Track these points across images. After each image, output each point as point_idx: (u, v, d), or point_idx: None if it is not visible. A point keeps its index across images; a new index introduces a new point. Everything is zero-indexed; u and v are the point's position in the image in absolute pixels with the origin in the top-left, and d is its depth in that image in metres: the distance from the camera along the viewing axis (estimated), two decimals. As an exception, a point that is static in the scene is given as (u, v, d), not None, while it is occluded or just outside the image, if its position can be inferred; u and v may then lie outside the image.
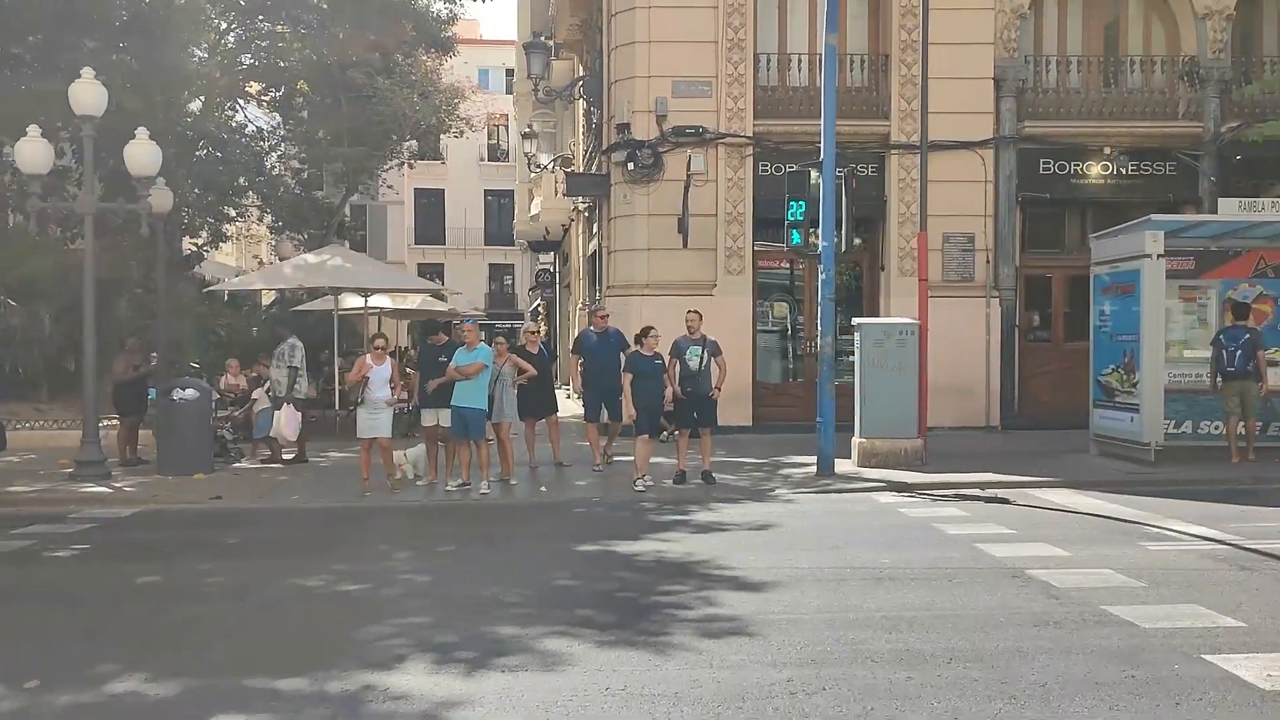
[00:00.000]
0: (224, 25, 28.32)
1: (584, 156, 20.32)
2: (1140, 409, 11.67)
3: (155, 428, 12.75)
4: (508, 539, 8.68)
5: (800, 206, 11.39)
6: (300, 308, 22.11)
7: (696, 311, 11.29)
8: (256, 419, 13.30)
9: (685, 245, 15.57)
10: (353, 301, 22.24)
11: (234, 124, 30.09)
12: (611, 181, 16.35)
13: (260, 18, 27.74)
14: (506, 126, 51.01)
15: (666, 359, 10.97)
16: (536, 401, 12.13)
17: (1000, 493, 10.42)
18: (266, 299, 27.72)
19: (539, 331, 12.69)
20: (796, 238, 11.48)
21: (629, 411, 10.84)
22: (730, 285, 15.82)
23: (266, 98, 30.34)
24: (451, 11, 31.42)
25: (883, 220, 16.34)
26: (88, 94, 11.27)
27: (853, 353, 12.62)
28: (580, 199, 21.55)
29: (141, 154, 11.86)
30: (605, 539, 8.23)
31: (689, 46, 15.79)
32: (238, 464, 13.14)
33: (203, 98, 26.86)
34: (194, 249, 26.43)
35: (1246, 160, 16.24)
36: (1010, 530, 8.31)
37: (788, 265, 16.82)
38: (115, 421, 13.29)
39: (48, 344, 17.73)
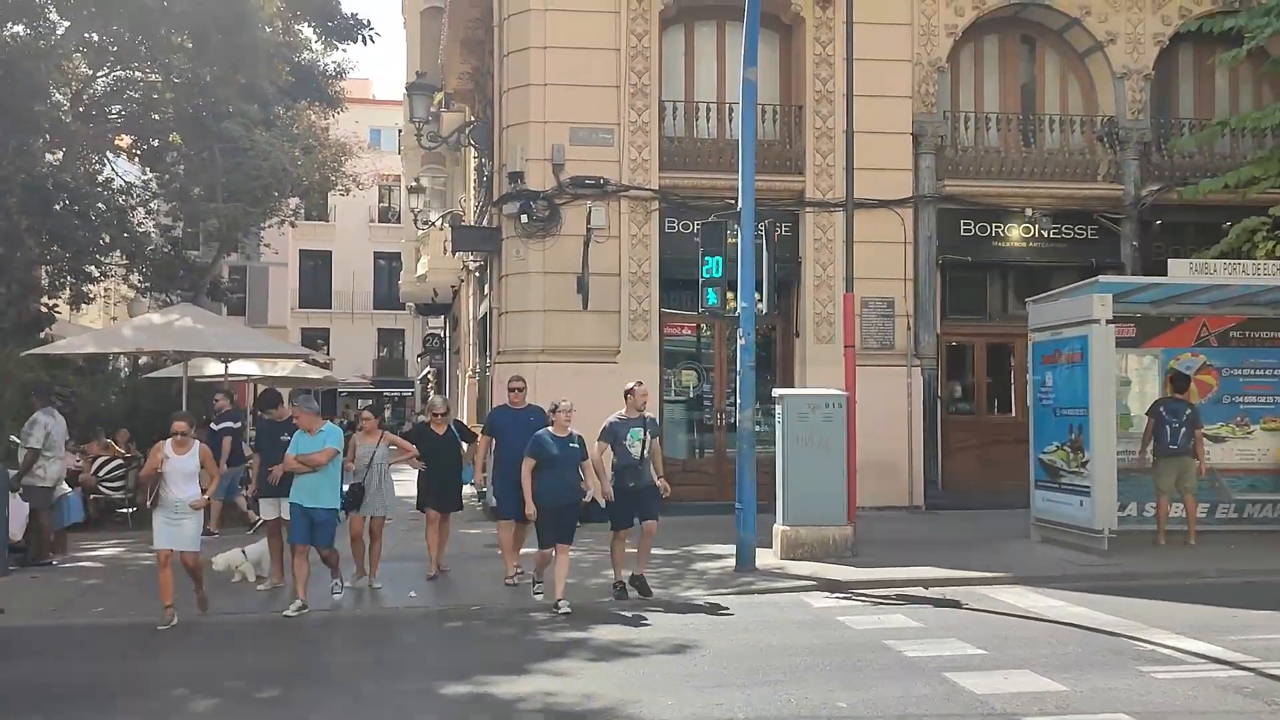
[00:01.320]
0: (90, 72, 26.31)
1: (475, 212, 18.72)
2: (1091, 492, 10.46)
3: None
4: (354, 674, 6.78)
5: (717, 263, 9.97)
6: (156, 373, 19.79)
7: (640, 383, 9.28)
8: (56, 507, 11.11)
9: (585, 307, 14.01)
10: (213, 368, 20.11)
11: (100, 178, 28.00)
12: (503, 235, 14.75)
13: (133, 65, 25.96)
14: (398, 187, 49.20)
15: (590, 445, 8.91)
16: (439, 489, 10.03)
17: (947, 593, 9.02)
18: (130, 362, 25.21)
19: (447, 411, 10.62)
20: (712, 297, 10.04)
21: (529, 509, 8.50)
22: (635, 351, 14.30)
23: (137, 151, 28.36)
24: (339, 66, 29.92)
25: (797, 282, 15.08)
26: None
27: (765, 427, 11.24)
28: (470, 257, 19.89)
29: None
30: (481, 673, 6.44)
31: (589, 91, 14.42)
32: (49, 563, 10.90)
33: (63, 149, 24.56)
34: (45, 310, 23.77)
35: (1168, 225, 15.60)
36: (979, 650, 6.83)
37: (694, 330, 15.45)
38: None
39: None
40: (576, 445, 8.62)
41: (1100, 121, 15.69)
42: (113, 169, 28.93)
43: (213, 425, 13.28)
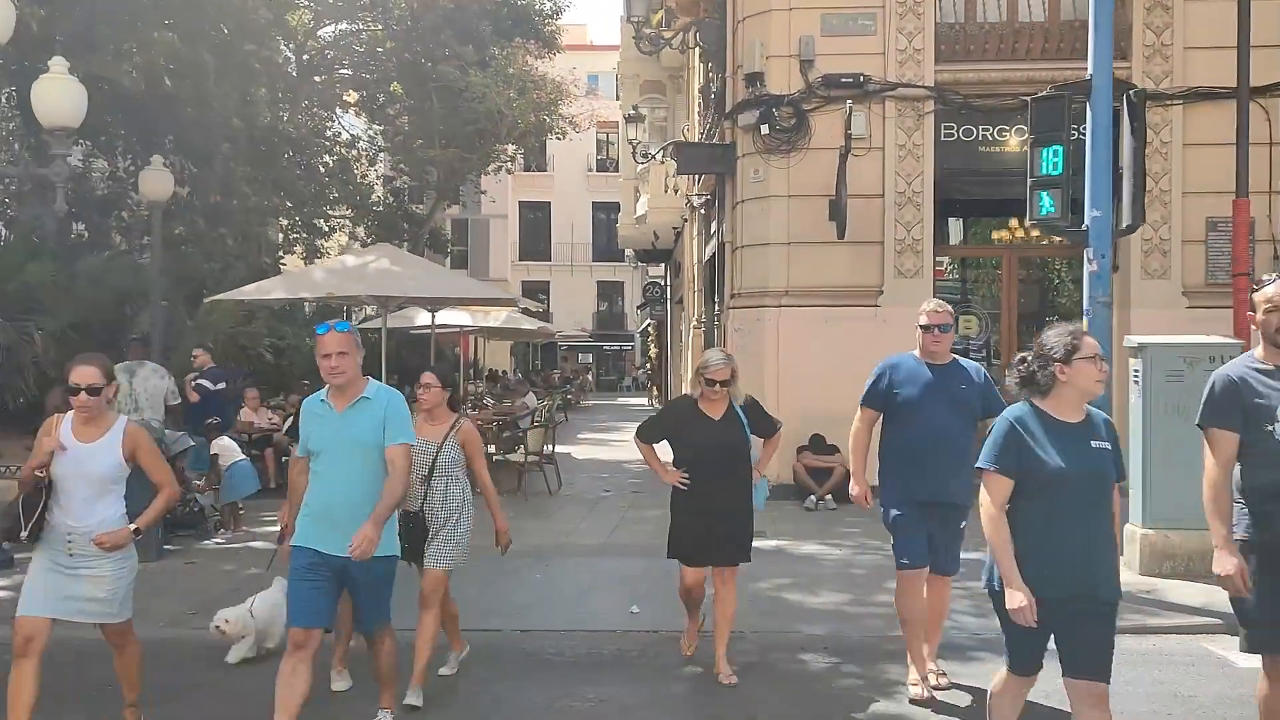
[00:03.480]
0: (312, 24, 26.04)
1: (702, 135, 16.19)
2: None
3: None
4: None
5: (1056, 154, 6.96)
6: (365, 324, 18.63)
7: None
8: (225, 476, 9.52)
9: (841, 236, 11.23)
10: (423, 318, 18.76)
11: (329, 132, 28.06)
12: (738, 153, 12.16)
13: (357, 17, 25.84)
14: (616, 134, 47.57)
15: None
16: (709, 522, 5.49)
17: None
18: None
19: (732, 377, 5.51)
20: (1047, 204, 7.05)
21: (1018, 600, 3.56)
22: (902, 291, 11.40)
23: (360, 110, 28.48)
24: (556, 5, 28.42)
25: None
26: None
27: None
28: (695, 191, 17.47)
29: (52, 94, 8.13)
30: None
31: (845, -34, 11.54)
32: (209, 541, 9.37)
33: (287, 102, 24.18)
34: (270, 264, 23.40)
35: None
36: None
37: (979, 264, 12.45)
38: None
39: (43, 367, 14.59)
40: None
41: None
42: (339, 124, 28.99)
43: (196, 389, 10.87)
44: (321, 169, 27.08)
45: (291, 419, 12.63)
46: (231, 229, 22.36)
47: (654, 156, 19.24)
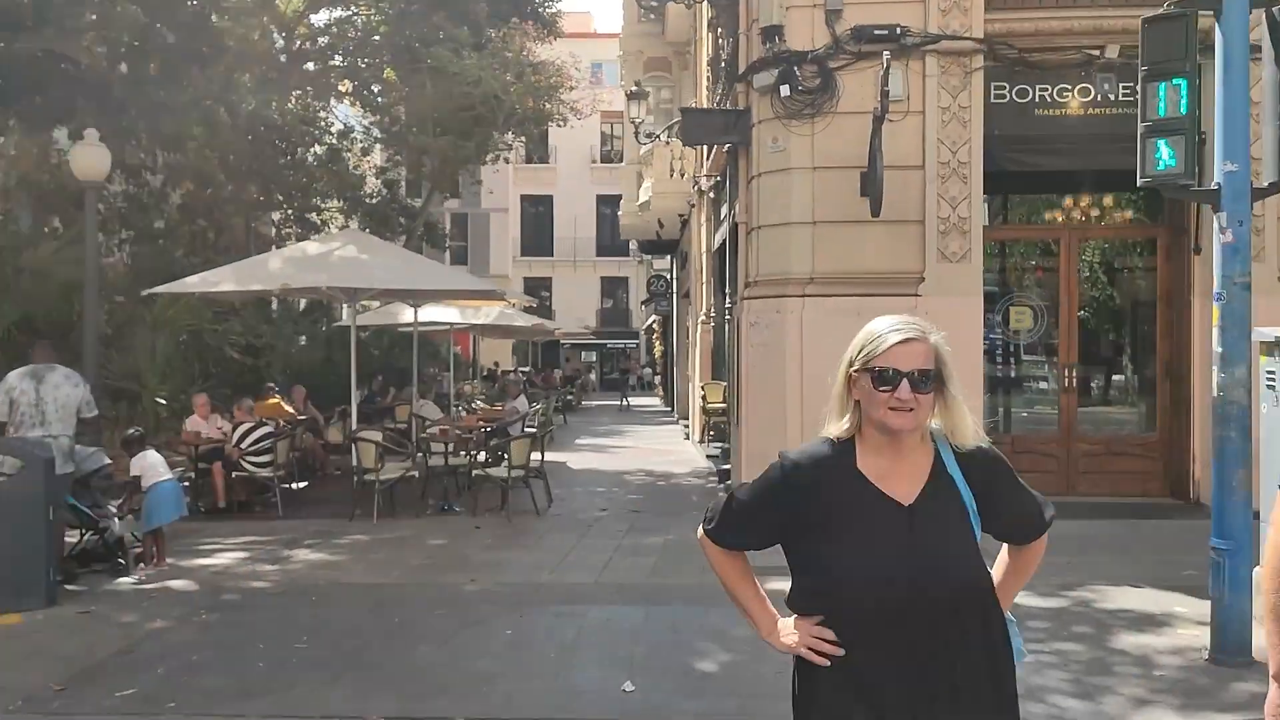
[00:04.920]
0: (301, 8, 24.72)
1: (712, 100, 14.58)
2: None
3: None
4: None
5: (1178, 91, 5.31)
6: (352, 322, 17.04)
7: None
8: (145, 499, 7.93)
9: (875, 214, 9.59)
10: (406, 315, 17.17)
11: (321, 122, 26.78)
12: (753, 120, 10.52)
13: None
14: (620, 124, 45.98)
15: None
16: None
17: None
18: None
19: None
20: (1165, 156, 5.39)
21: None
22: (947, 278, 9.77)
23: (354, 100, 27.28)
24: (556, -15, 27.02)
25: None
26: None
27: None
28: (703, 172, 15.87)
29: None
30: None
31: (877, -100, 9.90)
32: (124, 580, 7.77)
33: (273, 88, 22.78)
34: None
35: None
36: None
37: (1036, 244, 10.88)
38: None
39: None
40: None
41: None
42: (332, 115, 27.80)
43: None
44: (310, 159, 25.70)
45: (249, 428, 11.05)
46: (211, 222, 20.89)
47: (658, 136, 17.64)
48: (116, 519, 8.12)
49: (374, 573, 7.89)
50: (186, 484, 11.32)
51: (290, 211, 25.48)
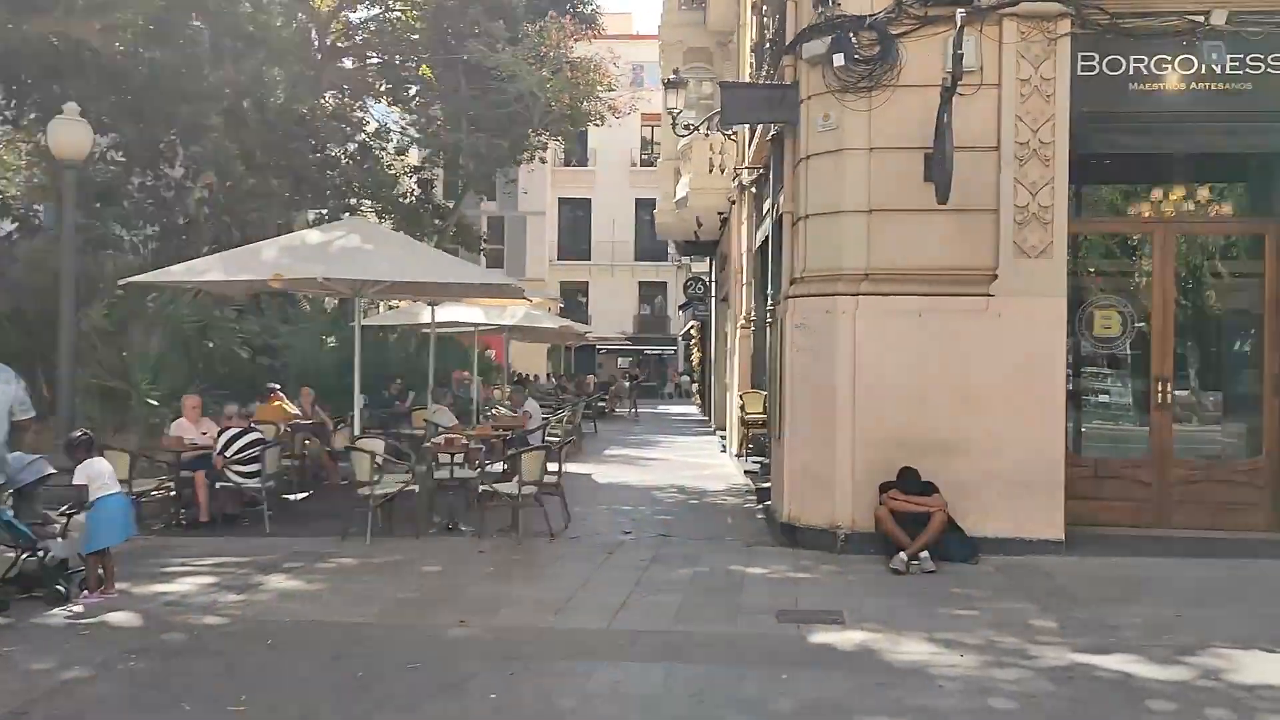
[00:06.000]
0: (334, 3, 24.11)
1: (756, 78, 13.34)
2: None
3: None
4: None
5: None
6: (369, 320, 16.00)
7: None
8: (87, 516, 6.85)
9: (942, 202, 8.29)
10: (425, 315, 16.12)
11: (355, 119, 26.24)
12: (802, 95, 9.27)
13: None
14: (661, 126, 44.91)
15: None
16: None
17: None
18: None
19: None
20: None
21: None
22: (1024, 277, 8.44)
23: (392, 100, 26.87)
24: (596, -21, 26.30)
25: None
26: None
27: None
28: (745, 165, 14.65)
29: None
30: None
31: None
32: (60, 610, 6.68)
33: (306, 84, 22.01)
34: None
35: None
36: None
37: (1122, 240, 9.55)
38: None
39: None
40: None
41: None
42: (370, 114, 27.34)
43: None
44: (343, 157, 25.04)
45: (234, 435, 9.98)
46: (234, 217, 20.09)
47: (696, 128, 16.42)
48: (59, 538, 7.04)
49: (349, 608, 6.74)
50: (161, 494, 10.35)
51: (324, 211, 24.79)
